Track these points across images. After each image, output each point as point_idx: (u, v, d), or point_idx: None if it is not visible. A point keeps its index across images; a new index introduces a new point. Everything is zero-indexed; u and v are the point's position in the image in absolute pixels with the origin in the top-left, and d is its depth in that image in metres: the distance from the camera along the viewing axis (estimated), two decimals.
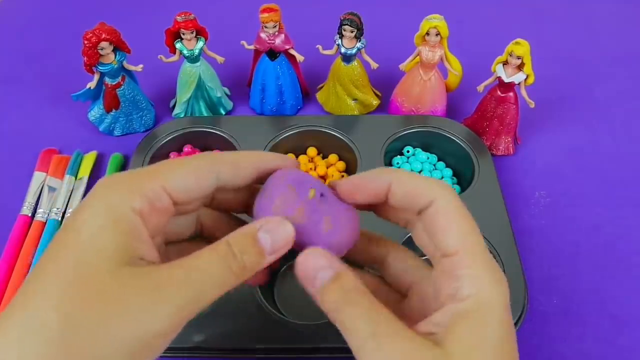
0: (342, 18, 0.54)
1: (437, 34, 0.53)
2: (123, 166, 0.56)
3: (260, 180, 0.27)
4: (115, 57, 0.54)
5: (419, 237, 0.26)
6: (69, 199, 0.53)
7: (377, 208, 0.28)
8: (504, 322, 0.23)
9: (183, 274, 0.22)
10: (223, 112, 0.62)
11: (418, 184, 0.25)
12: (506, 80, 0.53)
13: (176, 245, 0.28)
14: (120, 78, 0.56)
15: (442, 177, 0.55)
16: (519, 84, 0.53)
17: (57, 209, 0.51)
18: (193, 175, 0.25)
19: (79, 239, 0.22)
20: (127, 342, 0.21)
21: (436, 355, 0.22)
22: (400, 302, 0.28)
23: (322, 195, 0.26)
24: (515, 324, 0.42)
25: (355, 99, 0.61)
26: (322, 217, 0.26)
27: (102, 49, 0.52)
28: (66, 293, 0.20)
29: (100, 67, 0.54)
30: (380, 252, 0.29)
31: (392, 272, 0.28)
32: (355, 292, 0.23)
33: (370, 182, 0.26)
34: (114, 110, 0.58)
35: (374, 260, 0.29)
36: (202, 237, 0.30)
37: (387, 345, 0.22)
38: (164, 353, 0.42)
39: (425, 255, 0.27)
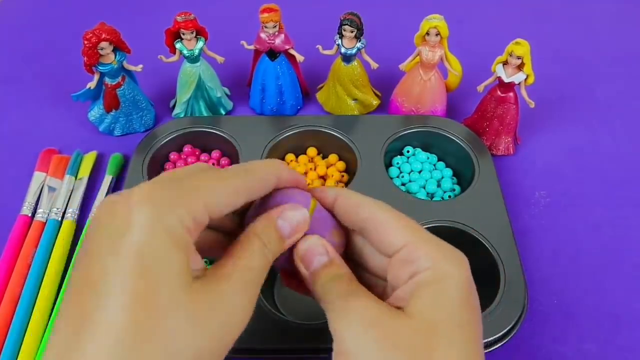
0: (342, 18, 0.54)
1: (437, 34, 0.53)
2: (123, 166, 0.56)
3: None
4: (115, 57, 0.54)
5: (362, 246, 0.30)
6: (69, 199, 0.53)
7: None
8: (464, 287, 0.25)
9: (242, 276, 0.24)
10: (223, 112, 0.62)
11: (357, 200, 0.29)
12: (506, 80, 0.53)
13: None
14: (120, 78, 0.56)
15: (442, 177, 0.55)
16: (519, 84, 0.53)
17: (57, 209, 0.51)
18: (232, 196, 0.25)
19: (144, 263, 0.21)
20: (199, 352, 0.22)
21: (398, 314, 0.24)
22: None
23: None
24: (515, 324, 0.42)
25: (355, 99, 0.61)
26: (328, 229, 0.29)
27: (102, 49, 0.52)
28: (139, 304, 0.20)
29: (100, 67, 0.54)
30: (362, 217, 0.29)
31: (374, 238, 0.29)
32: (341, 276, 0.27)
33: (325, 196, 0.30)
34: (114, 110, 0.58)
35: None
36: None
37: (352, 302, 0.25)
38: None
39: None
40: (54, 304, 0.45)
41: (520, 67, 0.52)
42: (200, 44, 0.56)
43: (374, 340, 0.23)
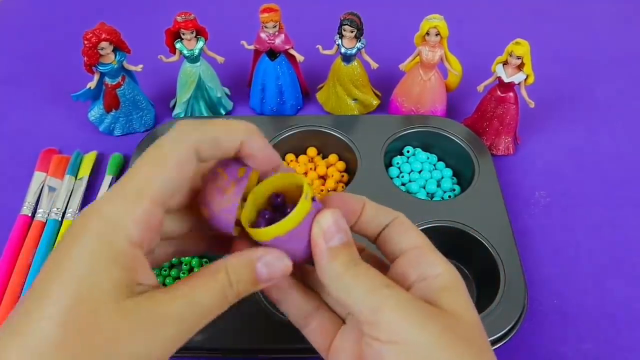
0: (342, 18, 0.54)
1: (437, 34, 0.53)
2: (123, 166, 0.56)
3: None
4: (115, 57, 0.54)
5: (383, 243, 0.29)
6: (69, 199, 0.53)
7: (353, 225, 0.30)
8: (468, 293, 0.27)
9: (182, 307, 0.23)
10: (223, 112, 0.62)
11: (382, 209, 0.29)
12: (506, 80, 0.53)
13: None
14: (120, 78, 0.56)
15: (442, 177, 0.55)
16: (519, 84, 0.53)
17: (57, 209, 0.51)
18: (176, 171, 0.24)
19: (77, 273, 0.22)
20: None
21: (439, 309, 0.25)
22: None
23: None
24: (515, 324, 0.42)
25: (355, 99, 0.61)
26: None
27: (102, 49, 0.52)
28: (67, 320, 0.21)
29: (100, 67, 0.54)
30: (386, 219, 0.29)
31: (390, 238, 0.29)
32: (360, 259, 0.27)
33: (352, 202, 0.29)
34: (114, 110, 0.58)
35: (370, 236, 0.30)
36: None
37: (395, 290, 0.25)
38: None
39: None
40: None
41: (520, 67, 0.52)
42: (200, 44, 0.56)
43: (437, 333, 0.24)
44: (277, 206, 0.28)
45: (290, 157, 0.57)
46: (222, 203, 0.26)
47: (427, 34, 0.54)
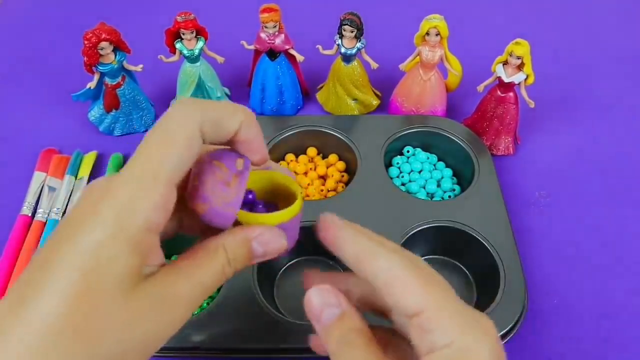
0: (342, 18, 0.54)
1: (437, 34, 0.53)
2: (123, 166, 0.56)
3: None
4: (115, 57, 0.54)
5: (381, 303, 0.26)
6: (69, 198, 0.53)
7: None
8: None
9: (190, 288, 0.24)
10: None
11: (370, 247, 0.25)
12: (506, 80, 0.53)
13: None
14: (120, 78, 0.56)
15: (442, 177, 0.55)
16: (519, 84, 0.53)
17: (57, 208, 0.51)
18: (186, 150, 0.23)
19: (96, 262, 0.21)
20: (123, 356, 0.22)
21: None
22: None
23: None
24: (515, 324, 0.42)
25: (355, 99, 0.61)
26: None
27: (102, 49, 0.52)
28: (76, 300, 0.21)
29: (100, 67, 0.54)
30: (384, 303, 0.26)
31: (397, 322, 0.26)
32: (357, 333, 0.24)
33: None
34: (114, 110, 0.58)
35: (379, 311, 0.27)
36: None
37: None
38: (164, 353, 0.42)
39: None
40: None
41: (520, 67, 0.52)
42: (200, 43, 0.56)
43: None
44: (248, 202, 0.27)
45: (290, 157, 0.57)
46: (225, 197, 0.25)
47: (427, 34, 0.54)
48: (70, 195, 0.53)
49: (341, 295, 0.25)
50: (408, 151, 0.56)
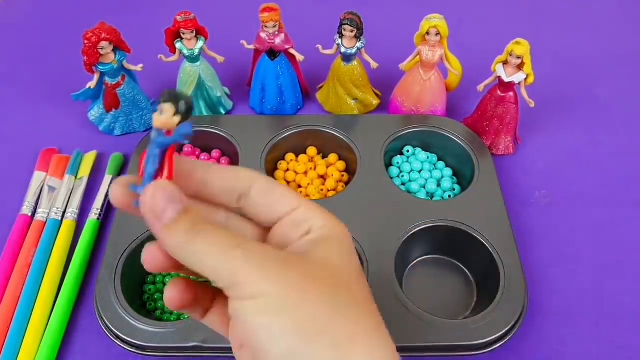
0: (342, 18, 0.54)
1: (437, 34, 0.53)
2: (123, 166, 0.56)
3: None
4: (115, 56, 0.54)
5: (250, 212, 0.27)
6: (69, 198, 0.53)
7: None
8: (352, 245, 0.27)
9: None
10: (223, 112, 0.62)
11: (235, 173, 0.27)
12: (506, 80, 0.53)
13: None
14: (120, 78, 0.56)
15: (442, 177, 0.55)
16: (519, 83, 0.53)
17: (57, 208, 0.51)
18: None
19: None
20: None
21: (295, 260, 0.24)
22: (262, 237, 0.28)
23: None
24: (515, 324, 0.42)
25: (355, 99, 0.61)
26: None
27: (102, 49, 0.52)
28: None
29: (100, 67, 0.54)
30: (243, 185, 0.27)
31: (255, 206, 0.27)
32: (205, 221, 0.23)
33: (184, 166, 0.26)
34: (114, 110, 0.58)
35: (236, 195, 0.27)
36: None
37: (256, 248, 0.23)
38: (164, 353, 0.42)
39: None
40: (54, 303, 0.45)
41: (520, 67, 0.52)
42: (200, 43, 0.56)
43: (294, 281, 0.23)
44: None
45: (290, 156, 0.57)
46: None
47: (427, 33, 0.54)
48: (70, 195, 0.53)
49: (181, 192, 0.24)
50: (408, 151, 0.56)
